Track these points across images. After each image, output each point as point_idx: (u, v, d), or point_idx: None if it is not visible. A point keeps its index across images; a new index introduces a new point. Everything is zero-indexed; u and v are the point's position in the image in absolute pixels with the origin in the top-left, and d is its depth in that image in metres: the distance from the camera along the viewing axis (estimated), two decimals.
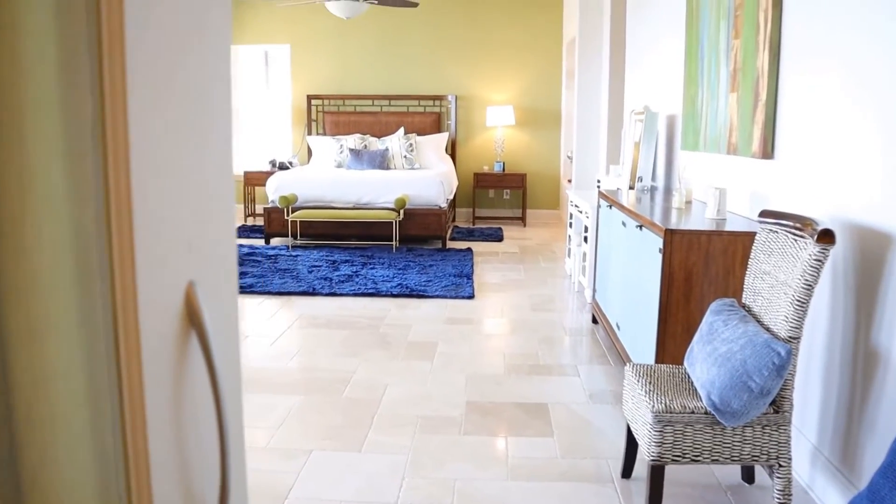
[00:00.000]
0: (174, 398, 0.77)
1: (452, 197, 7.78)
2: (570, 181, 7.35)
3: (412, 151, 8.06)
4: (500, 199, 8.92)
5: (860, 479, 2.16)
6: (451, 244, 7.17)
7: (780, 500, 2.09)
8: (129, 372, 0.69)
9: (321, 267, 5.94)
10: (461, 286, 5.33)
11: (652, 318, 2.88)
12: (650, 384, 2.24)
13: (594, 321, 4.47)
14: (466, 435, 2.86)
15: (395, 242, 6.77)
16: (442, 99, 8.71)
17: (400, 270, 5.83)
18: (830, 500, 2.28)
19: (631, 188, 4.57)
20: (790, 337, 2.05)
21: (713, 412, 2.05)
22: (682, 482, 2.48)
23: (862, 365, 2.19)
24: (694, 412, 2.09)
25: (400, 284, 5.35)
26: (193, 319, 0.79)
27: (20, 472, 0.65)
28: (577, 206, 5.43)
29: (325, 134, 8.71)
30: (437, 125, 8.65)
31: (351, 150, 7.99)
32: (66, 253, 0.64)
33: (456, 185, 8.11)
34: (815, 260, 2.00)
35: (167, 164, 0.75)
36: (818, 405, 2.44)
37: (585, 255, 4.99)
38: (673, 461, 2.10)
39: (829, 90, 2.42)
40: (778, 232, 2.25)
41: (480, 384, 3.41)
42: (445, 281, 5.48)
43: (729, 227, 2.87)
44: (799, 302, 2.03)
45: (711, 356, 2.12)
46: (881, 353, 2.09)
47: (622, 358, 3.50)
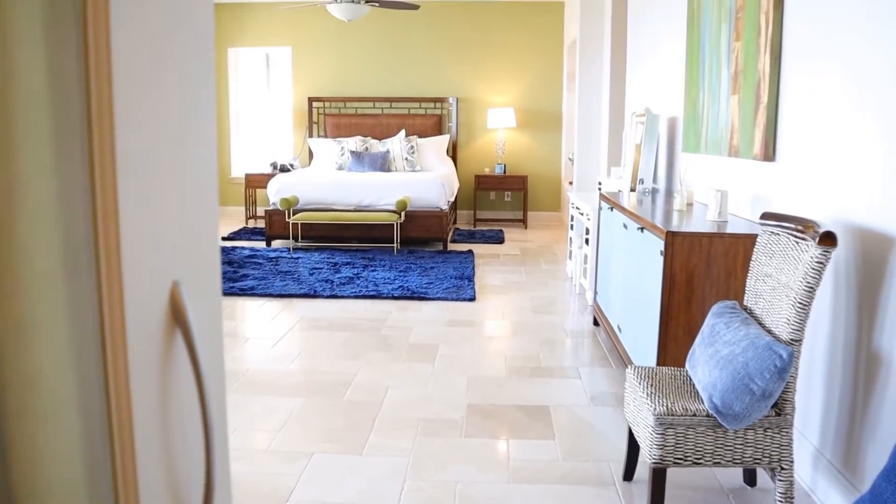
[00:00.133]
0: (160, 396, 0.79)
1: (453, 199, 7.78)
2: (571, 183, 7.35)
3: (413, 154, 8.06)
4: (501, 201, 8.92)
5: (862, 481, 2.15)
6: (452, 246, 7.17)
7: (782, 502, 2.09)
8: (115, 370, 0.70)
9: (322, 269, 5.94)
10: (462, 288, 5.33)
11: (653, 320, 2.87)
12: (652, 386, 2.24)
13: (595, 323, 4.46)
14: (468, 437, 2.86)
15: (396, 245, 6.77)
16: (443, 101, 8.72)
17: (401, 273, 5.83)
18: (832, 502, 2.27)
19: (632, 190, 4.57)
20: (792, 339, 2.05)
21: (715, 415, 2.04)
22: (683, 485, 2.47)
23: (864, 367, 2.19)
24: (696, 415, 2.08)
25: (401, 287, 5.35)
26: (178, 318, 0.81)
27: (10, 468, 0.65)
28: (578, 208, 5.43)
29: (326, 136, 8.72)
30: (438, 127, 8.65)
31: (352, 152, 7.99)
32: (54, 253, 0.65)
33: (457, 187, 8.11)
34: (816, 262, 1.99)
35: (152, 166, 0.76)
36: (820, 408, 2.44)
37: (587, 257, 4.99)
38: (675, 464, 2.10)
39: (830, 92, 2.42)
40: (779, 234, 2.25)
41: (482, 386, 3.41)
42: (447, 283, 5.48)
43: (730, 229, 2.87)
44: (801, 304, 2.03)
45: (713, 358, 2.12)
46: (883, 355, 2.08)
47: (623, 360, 3.50)
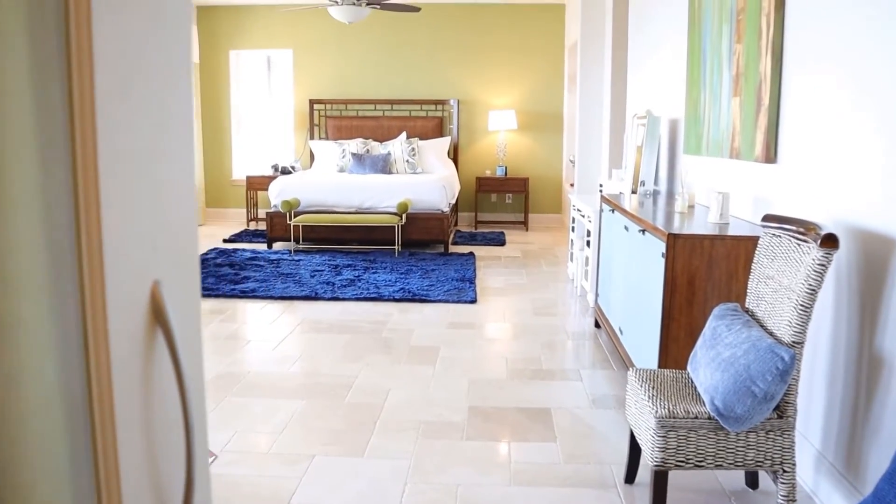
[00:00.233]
0: (141, 392, 0.80)
1: (454, 201, 7.78)
2: (572, 185, 7.35)
3: (414, 156, 8.06)
4: (502, 203, 8.92)
5: (865, 484, 2.15)
6: (453, 248, 7.17)
7: None
8: (98, 367, 0.72)
9: (323, 271, 5.94)
10: (463, 290, 5.32)
11: (655, 322, 2.87)
12: (653, 389, 2.23)
13: (597, 325, 4.46)
14: (469, 440, 2.85)
15: (397, 247, 6.77)
16: (444, 103, 8.72)
17: (402, 275, 5.82)
18: None
19: (633, 192, 4.57)
20: (794, 342, 2.04)
21: (717, 417, 2.04)
22: (685, 488, 2.47)
23: (866, 370, 2.18)
24: (697, 417, 2.08)
25: (402, 289, 5.34)
26: (159, 316, 0.83)
27: None
28: (579, 210, 5.43)
29: (327, 138, 8.72)
30: (439, 129, 8.66)
31: (353, 154, 7.99)
32: (37, 253, 0.66)
33: (458, 189, 8.11)
34: (818, 264, 1.99)
35: (133, 167, 0.78)
36: (822, 410, 2.43)
37: (588, 259, 4.99)
38: (676, 466, 2.10)
39: (831, 94, 2.42)
40: (781, 236, 2.25)
41: (483, 389, 3.41)
42: (448, 285, 5.48)
43: (732, 231, 2.87)
44: (802, 306, 2.02)
45: (715, 361, 2.12)
46: (885, 357, 2.08)
47: (625, 362, 3.50)
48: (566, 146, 8.51)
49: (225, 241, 7.54)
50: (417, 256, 6.62)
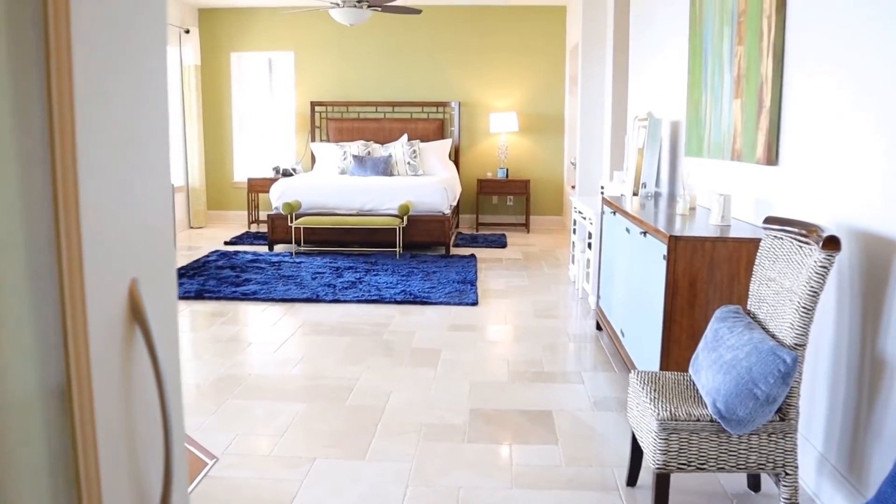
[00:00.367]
0: (120, 388, 0.82)
1: (456, 203, 7.78)
2: (573, 187, 7.35)
3: (415, 158, 8.07)
4: (503, 205, 8.92)
5: (867, 487, 2.14)
6: (454, 251, 7.17)
7: None
8: (77, 364, 0.73)
9: (325, 274, 5.94)
10: (465, 293, 5.32)
11: (656, 324, 2.86)
12: (655, 391, 2.23)
13: (598, 328, 4.45)
14: (470, 442, 2.85)
15: (398, 249, 6.77)
16: (445, 105, 8.72)
17: (403, 277, 5.82)
18: None
19: (634, 194, 4.57)
20: (796, 344, 2.04)
21: (719, 420, 2.04)
22: (687, 490, 2.46)
23: (868, 372, 2.18)
24: (699, 420, 2.07)
25: (403, 291, 5.34)
26: (137, 315, 0.84)
27: None
28: (580, 212, 5.42)
29: (328, 140, 8.73)
30: (440, 132, 8.66)
31: (354, 156, 7.99)
32: (17, 252, 0.67)
33: (459, 191, 8.11)
34: (820, 266, 1.99)
35: (110, 166, 0.80)
36: (824, 412, 2.43)
37: (589, 261, 4.98)
38: (678, 469, 2.09)
39: (833, 96, 2.41)
40: (783, 238, 2.25)
41: (484, 391, 3.40)
42: (449, 287, 5.48)
43: (733, 233, 2.86)
44: (804, 309, 2.02)
45: (717, 363, 2.11)
46: (888, 359, 2.07)
47: (626, 365, 3.49)
48: (567, 148, 8.51)
49: (226, 243, 7.54)
50: (419, 258, 6.62)
